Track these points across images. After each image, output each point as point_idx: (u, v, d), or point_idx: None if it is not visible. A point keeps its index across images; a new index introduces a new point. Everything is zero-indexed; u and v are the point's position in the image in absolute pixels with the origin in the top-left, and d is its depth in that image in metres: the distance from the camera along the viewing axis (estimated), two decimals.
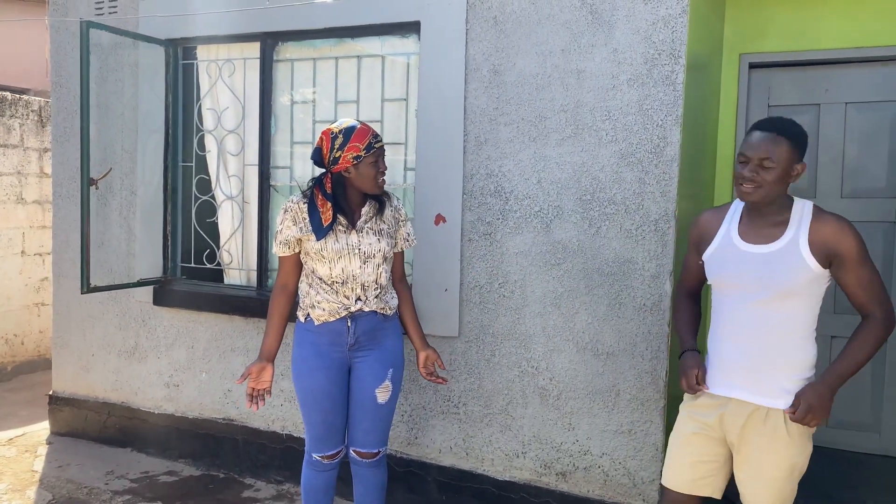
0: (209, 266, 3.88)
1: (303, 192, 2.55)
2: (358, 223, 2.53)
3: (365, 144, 2.43)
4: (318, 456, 2.61)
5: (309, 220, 2.48)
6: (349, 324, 2.54)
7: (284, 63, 3.61)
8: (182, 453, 3.88)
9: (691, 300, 2.35)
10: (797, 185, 3.46)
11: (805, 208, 2.04)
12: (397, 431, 3.33)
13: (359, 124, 2.47)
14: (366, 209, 2.56)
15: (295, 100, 3.62)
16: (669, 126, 2.77)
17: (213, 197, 3.85)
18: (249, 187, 3.74)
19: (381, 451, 2.66)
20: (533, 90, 2.98)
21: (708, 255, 2.18)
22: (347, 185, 2.49)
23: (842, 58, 3.35)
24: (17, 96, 5.70)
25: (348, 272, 2.50)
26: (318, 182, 2.51)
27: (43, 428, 4.39)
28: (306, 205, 2.50)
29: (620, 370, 2.90)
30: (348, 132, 2.44)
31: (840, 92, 3.43)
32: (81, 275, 3.44)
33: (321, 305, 2.53)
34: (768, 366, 2.04)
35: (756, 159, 2.00)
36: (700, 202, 3.31)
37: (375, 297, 2.57)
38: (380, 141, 2.49)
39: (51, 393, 4.30)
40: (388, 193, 2.64)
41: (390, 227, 2.60)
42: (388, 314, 2.62)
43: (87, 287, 3.47)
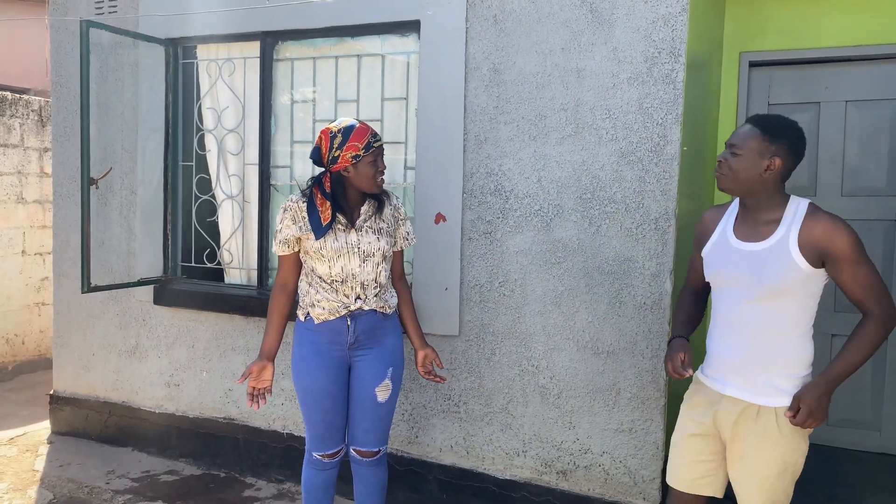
0: (209, 265, 3.88)
1: (302, 192, 2.56)
2: (357, 222, 2.53)
3: (364, 144, 2.43)
4: (319, 455, 2.61)
5: (308, 219, 2.48)
6: (349, 322, 2.54)
7: (284, 62, 3.61)
8: (183, 452, 3.88)
9: (694, 298, 2.35)
10: (798, 184, 3.46)
11: (800, 207, 2.02)
12: (398, 430, 3.33)
13: (358, 123, 2.47)
14: (365, 208, 2.56)
15: (295, 99, 3.62)
16: (669, 124, 2.77)
17: (214, 196, 3.85)
18: (249, 186, 3.74)
19: (382, 450, 2.66)
20: (533, 89, 2.98)
21: (706, 252, 2.19)
22: (346, 184, 2.49)
23: (842, 56, 3.35)
24: (18, 96, 5.70)
25: (348, 271, 2.50)
26: (318, 181, 2.51)
27: (44, 427, 4.39)
28: (305, 204, 2.50)
29: (621, 369, 2.90)
30: (347, 131, 2.44)
31: (840, 90, 3.42)
32: (82, 274, 3.44)
33: (321, 304, 2.53)
34: (760, 363, 2.03)
35: (728, 146, 2.06)
36: (700, 201, 3.31)
37: (375, 296, 2.57)
38: (378, 140, 2.49)
39: (51, 392, 4.31)
40: (388, 192, 2.64)
41: (389, 226, 2.60)
42: (388, 313, 2.62)
43: (88, 286, 3.47)
